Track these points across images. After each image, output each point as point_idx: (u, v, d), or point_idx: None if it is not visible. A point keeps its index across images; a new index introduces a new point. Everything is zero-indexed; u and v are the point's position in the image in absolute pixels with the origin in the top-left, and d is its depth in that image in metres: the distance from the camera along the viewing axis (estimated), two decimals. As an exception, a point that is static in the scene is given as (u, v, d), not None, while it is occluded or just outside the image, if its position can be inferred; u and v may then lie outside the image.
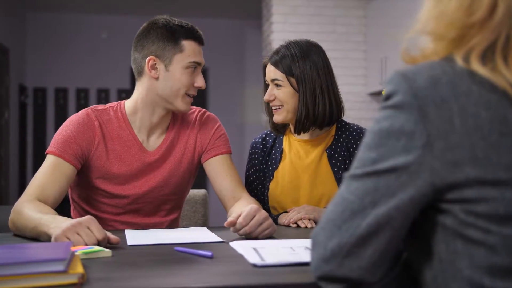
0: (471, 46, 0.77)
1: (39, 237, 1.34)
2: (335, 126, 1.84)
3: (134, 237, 1.40)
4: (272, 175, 1.83)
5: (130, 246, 1.28)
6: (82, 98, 7.03)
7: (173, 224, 1.80)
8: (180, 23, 1.65)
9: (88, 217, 1.24)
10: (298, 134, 1.81)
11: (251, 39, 7.27)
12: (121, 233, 1.45)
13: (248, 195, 1.70)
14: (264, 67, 1.83)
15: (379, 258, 0.78)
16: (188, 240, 1.33)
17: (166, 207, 1.76)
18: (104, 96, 7.09)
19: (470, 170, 0.72)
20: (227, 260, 1.11)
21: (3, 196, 5.85)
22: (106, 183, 1.67)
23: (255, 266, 1.01)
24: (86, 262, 1.04)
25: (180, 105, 1.66)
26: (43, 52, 6.98)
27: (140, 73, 1.68)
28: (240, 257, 1.11)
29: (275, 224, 1.41)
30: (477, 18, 0.76)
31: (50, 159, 1.58)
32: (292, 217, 1.63)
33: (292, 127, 1.84)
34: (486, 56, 0.76)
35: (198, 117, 1.79)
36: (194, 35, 1.65)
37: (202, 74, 1.68)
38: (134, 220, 1.72)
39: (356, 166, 0.80)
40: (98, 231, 1.21)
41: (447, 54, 0.80)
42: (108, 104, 1.74)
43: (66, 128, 1.64)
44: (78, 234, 1.19)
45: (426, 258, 0.80)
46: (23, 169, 6.78)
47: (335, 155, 1.78)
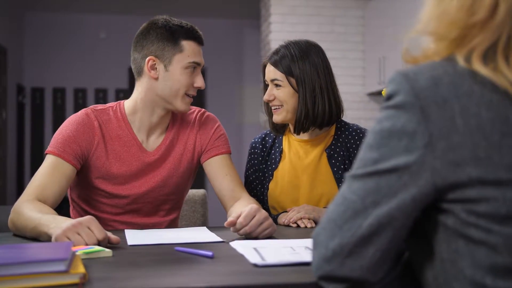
0: (472, 46, 0.77)
1: (39, 237, 1.34)
2: (334, 126, 1.84)
3: (134, 237, 1.40)
4: (272, 175, 1.83)
5: (131, 246, 1.28)
6: (80, 98, 7.01)
7: (172, 224, 1.80)
8: (180, 23, 1.65)
9: (88, 217, 1.24)
10: (298, 134, 1.81)
11: (250, 39, 7.27)
12: (120, 233, 1.45)
13: (247, 195, 1.70)
14: (264, 67, 1.83)
15: (380, 258, 0.79)
16: (188, 240, 1.33)
17: (165, 207, 1.76)
18: (102, 96, 7.08)
19: (472, 170, 0.72)
20: (228, 260, 1.11)
21: (0, 196, 5.84)
22: (105, 183, 1.67)
23: (256, 266, 1.01)
24: (87, 262, 1.04)
25: (179, 105, 1.66)
26: (41, 52, 6.97)
27: (140, 73, 1.68)
28: (240, 257, 1.11)
29: (275, 224, 1.41)
30: (478, 18, 0.76)
31: (50, 159, 1.58)
32: (291, 216, 1.63)
33: (291, 127, 1.84)
34: (488, 56, 0.76)
35: (197, 117, 1.79)
36: (193, 35, 1.65)
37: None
38: (133, 220, 1.72)
39: (358, 166, 0.80)
40: (99, 231, 1.21)
41: (448, 54, 0.80)
42: (107, 104, 1.74)
43: (65, 128, 1.64)
44: (79, 234, 1.19)
45: (427, 258, 0.80)
46: (20, 169, 6.77)
47: (334, 155, 1.78)
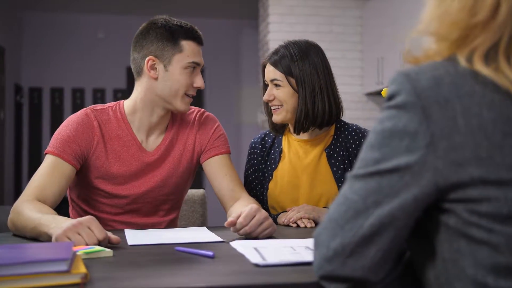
0: (474, 46, 0.77)
1: (39, 237, 1.33)
2: (334, 126, 1.84)
3: (134, 237, 1.40)
4: (271, 175, 1.83)
5: (131, 246, 1.28)
6: (78, 98, 7.00)
7: (171, 224, 1.80)
8: (180, 23, 1.65)
9: (88, 217, 1.24)
10: (298, 134, 1.81)
11: (248, 39, 7.27)
12: (120, 233, 1.45)
13: (247, 195, 1.70)
14: (263, 67, 1.83)
15: (382, 257, 0.79)
16: (189, 240, 1.33)
17: (165, 207, 1.76)
18: (100, 96, 7.07)
19: (474, 170, 0.73)
20: (229, 260, 1.11)
21: (-2, 196, 5.83)
22: (105, 183, 1.67)
23: (257, 265, 1.01)
24: (87, 262, 1.04)
25: (179, 105, 1.66)
26: (39, 52, 6.96)
27: (139, 73, 1.67)
28: (241, 256, 1.11)
29: (275, 224, 1.41)
30: (480, 18, 0.77)
31: (49, 159, 1.57)
32: (291, 216, 1.63)
33: (291, 127, 1.84)
34: (489, 57, 0.76)
35: (197, 117, 1.79)
36: (193, 35, 1.65)
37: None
38: (133, 220, 1.72)
39: (359, 166, 0.80)
40: (99, 231, 1.21)
41: (450, 54, 0.80)
42: (107, 104, 1.74)
43: (65, 128, 1.63)
44: (79, 234, 1.19)
45: (429, 258, 0.80)
46: (18, 169, 6.76)
47: (334, 155, 1.79)
